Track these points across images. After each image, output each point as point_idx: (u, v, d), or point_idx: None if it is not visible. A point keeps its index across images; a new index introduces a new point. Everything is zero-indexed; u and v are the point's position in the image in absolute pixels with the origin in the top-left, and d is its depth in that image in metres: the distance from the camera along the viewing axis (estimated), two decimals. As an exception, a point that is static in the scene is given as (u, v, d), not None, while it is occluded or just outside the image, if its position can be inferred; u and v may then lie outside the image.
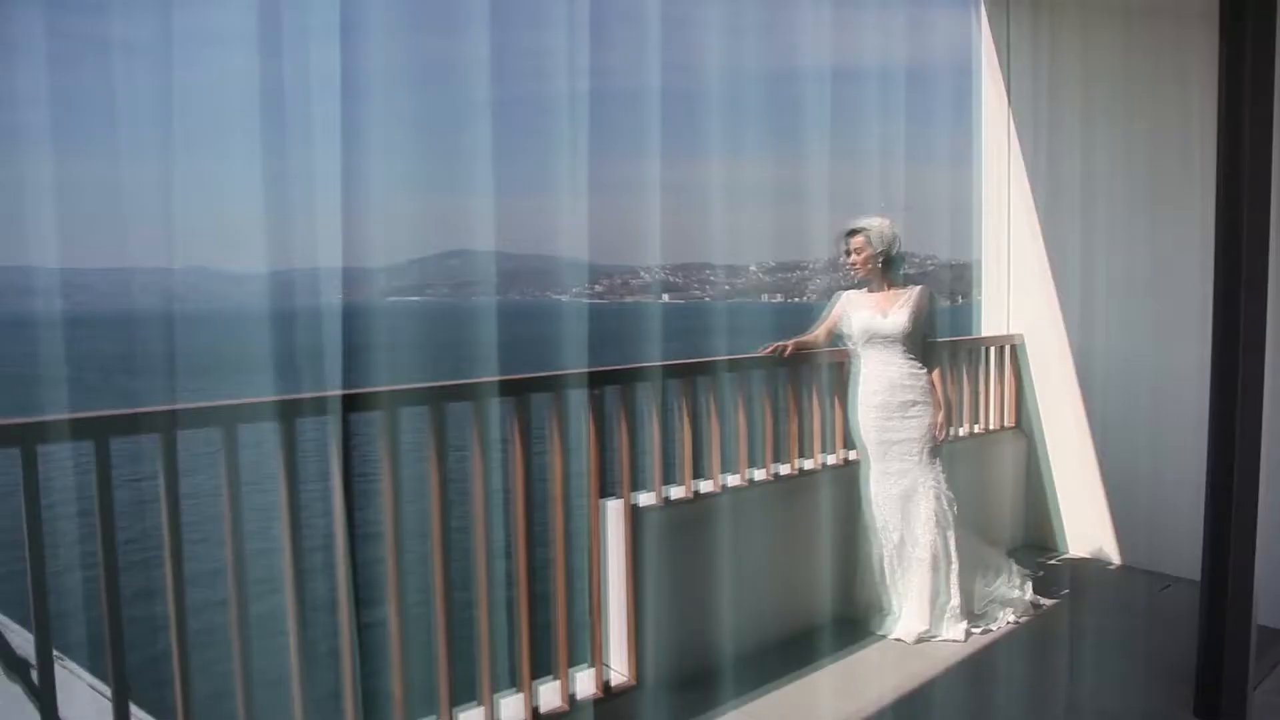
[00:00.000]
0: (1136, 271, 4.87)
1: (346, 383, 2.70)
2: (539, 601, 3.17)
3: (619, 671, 3.53)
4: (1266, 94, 3.22)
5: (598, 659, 3.42)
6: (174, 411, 2.42)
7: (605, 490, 3.49)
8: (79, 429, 2.28)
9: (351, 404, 2.71)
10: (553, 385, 3.25)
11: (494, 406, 3.07)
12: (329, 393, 2.60)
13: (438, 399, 2.93)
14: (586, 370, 3.37)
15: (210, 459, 2.46)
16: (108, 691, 2.32)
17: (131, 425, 2.41)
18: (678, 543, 3.65)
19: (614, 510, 3.51)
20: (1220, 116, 3.31)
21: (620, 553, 3.50)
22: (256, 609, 2.50)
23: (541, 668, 3.25)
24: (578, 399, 3.32)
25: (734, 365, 3.92)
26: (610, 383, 3.44)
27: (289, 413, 2.58)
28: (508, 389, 3.10)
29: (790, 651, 3.87)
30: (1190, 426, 3.52)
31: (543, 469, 3.28)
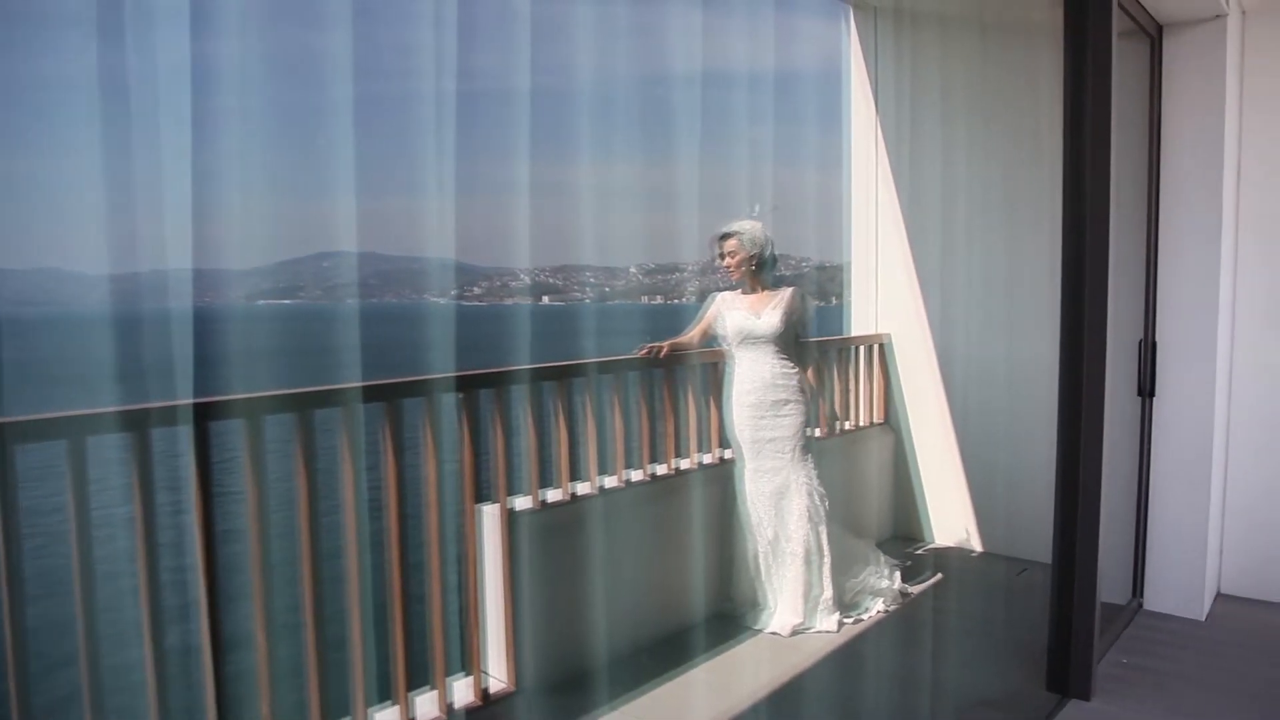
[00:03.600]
0: (994, 272, 5.11)
1: (210, 389, 2.57)
2: (414, 610, 3.10)
3: (497, 678, 3.49)
4: (1104, 105, 3.43)
5: (475, 666, 3.37)
6: (13, 424, 2.26)
7: (481, 495, 3.45)
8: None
9: (211, 412, 2.57)
10: (425, 389, 3.19)
11: (365, 412, 3.00)
12: (184, 401, 2.47)
13: (304, 405, 2.83)
14: (461, 374, 3.32)
15: (56, 473, 2.31)
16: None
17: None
18: (555, 546, 3.63)
19: (489, 515, 3.47)
20: (1065, 125, 3.51)
21: (497, 558, 3.47)
22: (107, 631, 2.36)
23: (418, 678, 3.18)
24: (451, 403, 3.28)
25: (610, 367, 3.94)
26: (485, 386, 3.41)
27: (142, 422, 2.45)
28: (378, 394, 3.03)
29: (669, 650, 3.91)
30: (1043, 421, 3.71)
31: (416, 475, 3.21)
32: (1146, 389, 4.51)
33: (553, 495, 3.70)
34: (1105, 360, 3.49)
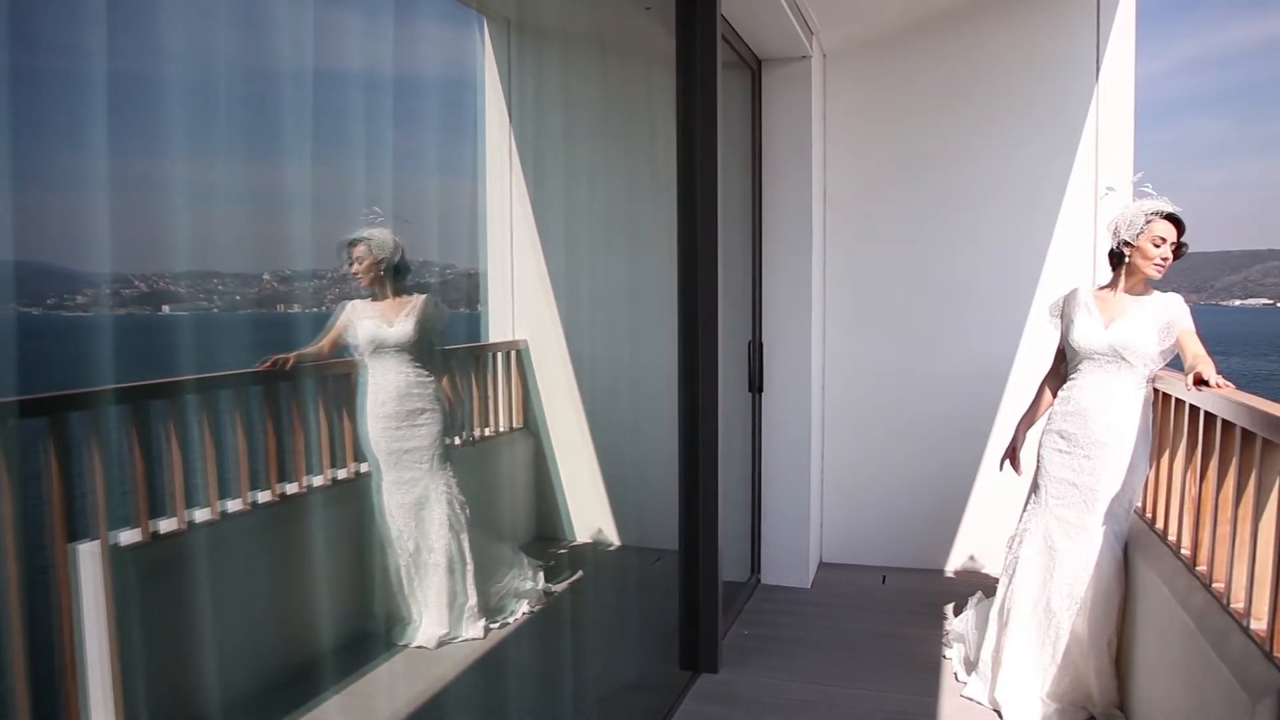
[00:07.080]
0: (619, 280, 5.41)
1: None
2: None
3: (104, 738, 3.11)
4: (711, 127, 3.74)
5: (76, 728, 2.98)
6: None
7: (77, 533, 3.05)
8: None
9: None
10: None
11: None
12: None
13: None
14: (47, 395, 2.92)
15: None
16: None
17: None
18: (171, 582, 3.30)
19: (88, 554, 3.07)
20: (678, 144, 3.79)
21: (99, 601, 3.07)
22: None
23: (0, 757, 2.75)
24: (34, 430, 2.87)
25: (229, 382, 3.65)
26: (78, 408, 3.02)
27: None
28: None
29: (308, 678, 3.69)
30: (666, 418, 3.98)
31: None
32: (756, 385, 5.00)
33: (166, 525, 3.36)
34: (718, 360, 3.81)
